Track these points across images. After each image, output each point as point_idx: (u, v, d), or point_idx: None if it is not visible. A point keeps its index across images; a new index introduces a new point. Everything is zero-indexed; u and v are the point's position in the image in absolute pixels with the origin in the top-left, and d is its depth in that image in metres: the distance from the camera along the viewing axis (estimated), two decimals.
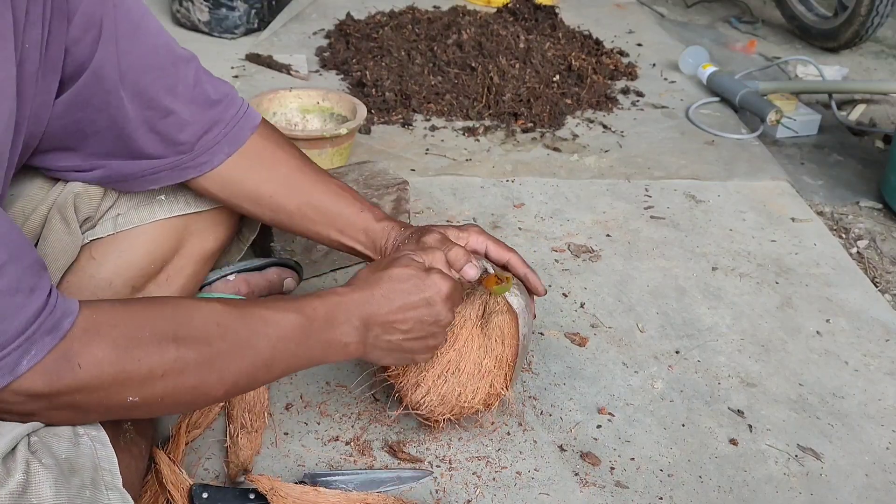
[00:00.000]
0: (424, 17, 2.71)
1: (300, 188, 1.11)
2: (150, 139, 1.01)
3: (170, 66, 1.01)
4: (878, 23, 2.81)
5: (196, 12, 2.71)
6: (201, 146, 1.04)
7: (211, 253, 1.19)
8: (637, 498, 1.09)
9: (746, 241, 1.71)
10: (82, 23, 0.90)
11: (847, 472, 1.16)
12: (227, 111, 1.07)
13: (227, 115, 1.06)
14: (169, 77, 1.00)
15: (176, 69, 1.01)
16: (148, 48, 0.98)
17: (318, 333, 0.91)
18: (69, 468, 0.77)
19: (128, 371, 0.78)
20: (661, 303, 1.49)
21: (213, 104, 1.05)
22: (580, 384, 1.28)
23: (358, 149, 1.98)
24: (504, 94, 2.25)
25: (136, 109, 0.98)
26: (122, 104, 0.96)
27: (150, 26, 1.00)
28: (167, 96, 1.00)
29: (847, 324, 1.47)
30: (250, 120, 1.09)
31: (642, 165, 2.02)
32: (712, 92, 2.47)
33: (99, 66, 0.93)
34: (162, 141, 1.01)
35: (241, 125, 1.07)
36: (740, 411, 1.25)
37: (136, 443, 0.96)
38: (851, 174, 2.12)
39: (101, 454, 0.81)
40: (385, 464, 1.11)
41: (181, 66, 1.02)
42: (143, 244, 1.09)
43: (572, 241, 1.67)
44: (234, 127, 1.07)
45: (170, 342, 0.80)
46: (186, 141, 1.03)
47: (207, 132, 1.04)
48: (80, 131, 0.97)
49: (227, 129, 1.06)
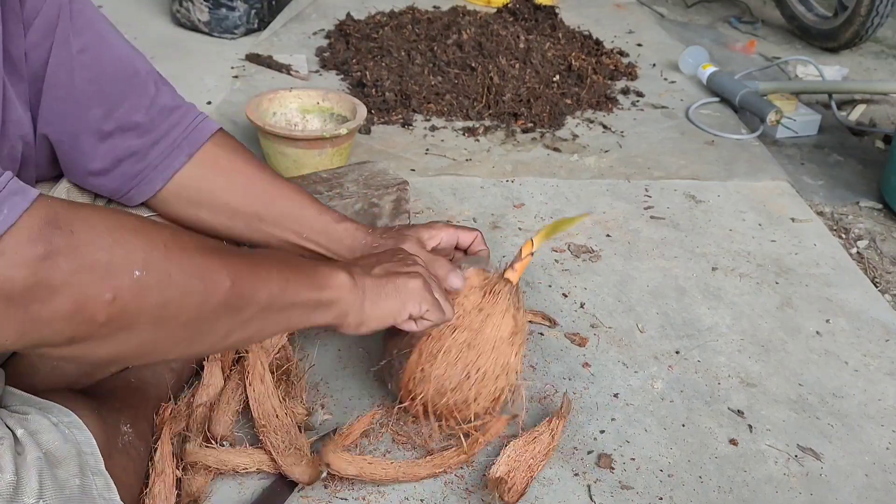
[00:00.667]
0: (424, 17, 2.71)
1: (257, 194, 1.10)
2: (106, 148, 1.00)
3: (130, 75, 1.00)
4: (878, 23, 2.81)
5: (196, 12, 2.71)
6: (160, 150, 1.03)
7: None
8: (637, 498, 1.09)
9: (746, 241, 1.71)
10: (42, 27, 0.91)
11: (847, 472, 1.16)
12: (186, 117, 1.06)
13: (185, 120, 1.06)
14: (130, 87, 1.00)
15: (136, 78, 1.01)
16: (106, 55, 0.98)
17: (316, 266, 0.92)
18: (55, 460, 0.77)
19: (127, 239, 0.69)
20: (661, 303, 1.50)
21: (171, 111, 1.05)
22: (580, 384, 1.28)
23: (358, 149, 1.98)
24: (504, 94, 2.25)
25: (94, 120, 0.97)
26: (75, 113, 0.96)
27: (110, 37, 0.99)
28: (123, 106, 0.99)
29: (847, 324, 1.47)
30: (208, 125, 1.08)
31: (642, 165, 2.02)
32: (712, 92, 2.47)
33: (52, 73, 0.93)
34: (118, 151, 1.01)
35: (199, 128, 1.07)
36: (740, 411, 1.25)
37: (135, 445, 0.96)
38: (851, 174, 2.12)
39: (80, 439, 0.82)
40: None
41: (141, 74, 1.02)
42: None
43: (572, 241, 1.67)
44: (193, 130, 1.06)
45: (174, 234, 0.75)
46: (144, 146, 1.02)
47: (165, 136, 1.04)
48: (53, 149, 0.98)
49: (186, 133, 1.05)
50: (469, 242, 1.19)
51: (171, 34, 2.73)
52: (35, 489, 0.73)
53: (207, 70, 2.42)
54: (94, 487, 0.79)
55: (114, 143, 1.00)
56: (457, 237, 1.17)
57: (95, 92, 0.97)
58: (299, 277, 0.87)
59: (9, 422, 0.78)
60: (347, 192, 1.48)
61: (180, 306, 0.72)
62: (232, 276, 0.76)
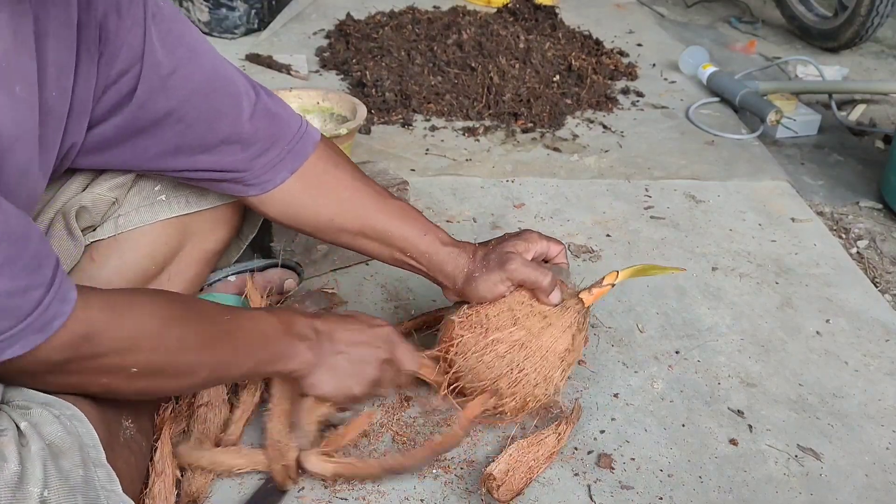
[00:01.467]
0: (424, 17, 2.71)
1: (362, 210, 1.10)
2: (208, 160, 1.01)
3: (227, 87, 1.00)
4: (878, 23, 2.81)
5: (196, 12, 2.71)
6: (264, 164, 1.04)
7: (212, 254, 1.18)
8: (637, 498, 1.09)
9: (746, 242, 1.71)
10: (128, 57, 0.91)
11: (847, 472, 1.16)
12: (289, 127, 1.06)
13: (288, 131, 1.05)
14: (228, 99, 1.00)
15: (234, 88, 1.01)
16: (200, 71, 0.98)
17: (283, 333, 1.01)
18: (58, 451, 0.78)
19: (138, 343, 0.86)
20: (661, 303, 1.50)
21: (274, 120, 1.04)
22: (580, 384, 1.28)
23: (358, 149, 1.98)
24: (504, 94, 2.25)
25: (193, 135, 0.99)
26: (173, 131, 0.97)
27: (200, 48, 0.99)
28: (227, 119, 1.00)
29: (847, 324, 1.47)
30: (311, 136, 1.08)
31: (642, 165, 2.02)
32: (712, 92, 2.47)
33: (144, 98, 0.93)
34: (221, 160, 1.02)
35: (303, 140, 1.07)
36: (740, 411, 1.25)
37: (136, 440, 0.96)
38: (851, 174, 2.12)
39: (82, 431, 0.83)
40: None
41: (238, 84, 1.02)
42: (144, 245, 1.09)
43: (572, 241, 1.67)
44: (297, 143, 1.06)
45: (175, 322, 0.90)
46: (247, 158, 1.03)
47: (269, 149, 1.04)
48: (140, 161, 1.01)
49: (289, 146, 1.05)
50: (556, 255, 1.17)
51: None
52: (40, 478, 0.74)
53: None
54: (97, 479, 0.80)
55: (217, 157, 1.01)
56: (547, 249, 1.15)
57: (192, 109, 0.97)
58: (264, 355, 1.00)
59: (12, 415, 0.79)
60: None
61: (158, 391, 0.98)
62: (209, 367, 0.94)
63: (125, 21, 0.90)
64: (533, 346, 1.08)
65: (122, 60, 0.91)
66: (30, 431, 0.77)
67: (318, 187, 1.08)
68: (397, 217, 1.11)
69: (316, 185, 1.08)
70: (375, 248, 1.13)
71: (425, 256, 1.11)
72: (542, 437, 1.11)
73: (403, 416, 1.19)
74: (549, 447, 1.11)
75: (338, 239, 1.13)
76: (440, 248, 1.11)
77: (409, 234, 1.11)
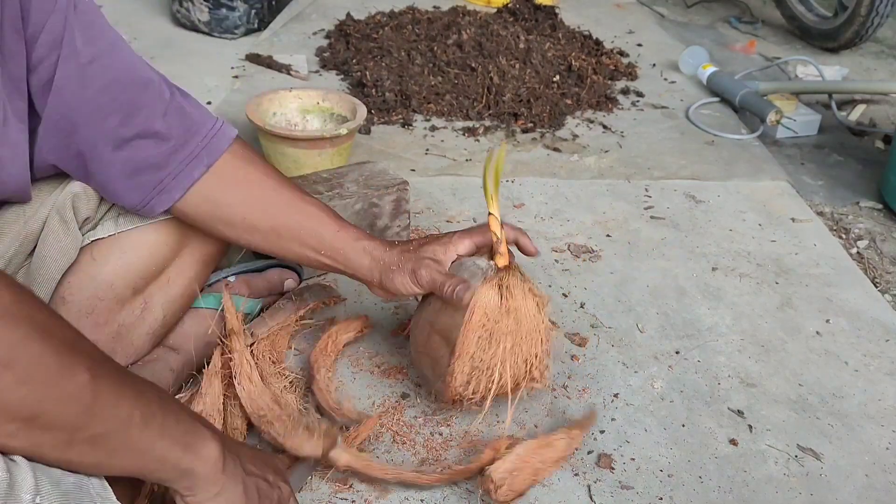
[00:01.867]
0: (424, 17, 2.71)
1: (275, 209, 1.09)
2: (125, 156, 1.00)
3: (144, 82, 1.01)
4: (878, 23, 2.81)
5: (196, 12, 2.71)
6: (180, 160, 1.03)
7: (212, 255, 1.18)
8: (637, 498, 1.09)
9: (746, 242, 1.71)
10: (48, 42, 0.91)
11: (847, 472, 1.16)
12: (204, 124, 1.06)
13: (203, 127, 1.05)
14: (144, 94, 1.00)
15: (150, 84, 1.01)
16: (118, 64, 0.98)
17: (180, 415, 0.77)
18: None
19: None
20: (661, 303, 1.50)
21: (188, 116, 1.04)
22: (580, 384, 1.28)
23: (358, 149, 1.98)
24: (504, 94, 2.25)
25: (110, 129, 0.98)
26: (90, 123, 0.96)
27: (119, 44, 1.00)
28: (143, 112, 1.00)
29: (847, 324, 1.47)
30: (226, 133, 1.08)
31: (642, 165, 2.02)
32: (712, 92, 2.47)
33: (61, 85, 0.93)
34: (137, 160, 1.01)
35: (218, 136, 1.06)
36: (740, 411, 1.25)
37: None
38: (851, 174, 2.12)
39: None
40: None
41: (154, 81, 1.02)
42: (145, 245, 1.09)
43: (572, 241, 1.67)
44: (212, 139, 1.05)
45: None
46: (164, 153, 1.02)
47: (184, 144, 1.03)
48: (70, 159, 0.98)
49: (205, 142, 1.05)
50: (487, 242, 1.14)
51: (171, 34, 2.73)
52: (31, 485, 0.72)
53: (207, 70, 2.42)
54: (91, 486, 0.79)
55: (133, 151, 1.00)
56: (473, 246, 1.14)
57: (109, 100, 0.97)
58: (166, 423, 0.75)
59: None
60: (347, 192, 1.48)
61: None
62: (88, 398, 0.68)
63: (45, 4, 0.90)
64: (521, 334, 1.08)
65: (41, 45, 0.91)
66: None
67: (234, 184, 1.07)
68: (310, 215, 1.10)
69: (230, 182, 1.07)
70: (289, 247, 1.11)
71: (340, 253, 1.10)
72: (553, 439, 1.11)
73: (404, 416, 1.19)
74: (558, 451, 1.10)
75: (251, 239, 1.11)
76: (353, 244, 1.11)
77: (322, 230, 1.10)
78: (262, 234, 1.10)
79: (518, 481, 1.06)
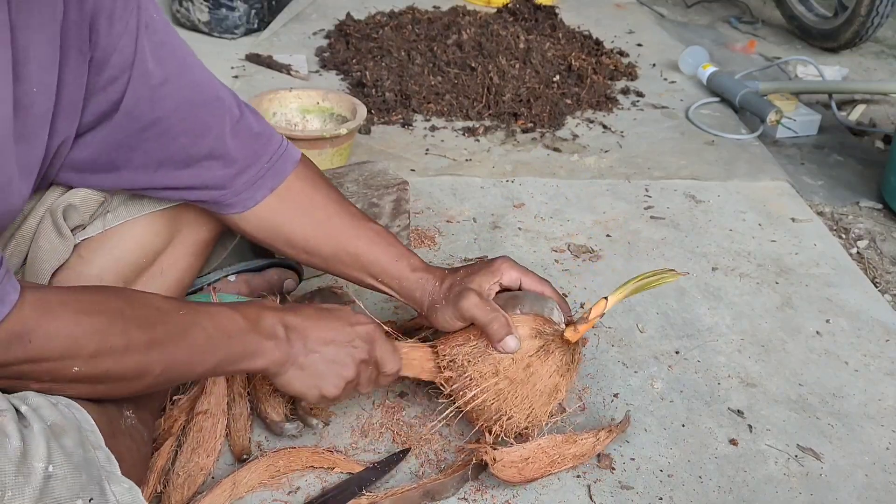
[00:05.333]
0: (424, 17, 2.71)
1: (336, 234, 1.10)
2: (191, 174, 1.01)
3: (213, 101, 1.01)
4: (878, 23, 2.81)
5: (196, 12, 2.71)
6: (245, 181, 1.04)
7: (205, 243, 1.16)
8: (637, 498, 1.09)
9: (746, 242, 1.71)
10: (119, 63, 0.91)
11: (847, 472, 1.16)
12: (269, 145, 1.06)
13: (269, 149, 1.06)
14: (213, 114, 1.01)
15: (220, 104, 1.02)
16: (189, 84, 0.98)
17: (247, 331, 0.95)
18: (59, 431, 0.78)
19: (79, 343, 0.81)
20: (661, 303, 1.50)
21: (256, 137, 1.05)
22: (580, 384, 1.28)
23: (358, 149, 1.98)
24: (504, 94, 2.25)
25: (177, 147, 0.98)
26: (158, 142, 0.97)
27: (190, 61, 1.00)
28: (211, 133, 1.00)
29: (847, 324, 1.47)
30: (291, 155, 1.09)
31: (642, 165, 2.02)
32: (712, 92, 2.47)
33: (132, 106, 0.93)
34: (202, 174, 1.02)
35: (283, 159, 1.07)
36: (740, 411, 1.25)
37: (138, 429, 0.96)
38: (851, 174, 2.12)
39: (79, 416, 0.83)
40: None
41: (224, 100, 1.02)
42: (133, 238, 1.07)
43: (572, 241, 1.67)
44: (277, 161, 1.06)
45: (118, 319, 0.84)
46: (229, 175, 1.03)
47: (250, 167, 1.04)
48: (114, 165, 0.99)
49: (269, 164, 1.05)
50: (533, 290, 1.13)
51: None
52: (43, 454, 0.74)
53: None
54: (97, 459, 0.80)
55: (200, 170, 1.01)
56: (520, 282, 1.13)
57: (178, 121, 0.97)
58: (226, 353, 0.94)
59: (11, 400, 0.79)
60: (347, 192, 1.48)
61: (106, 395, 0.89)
62: (162, 367, 0.88)
63: (116, 27, 0.90)
64: (516, 394, 1.06)
65: (111, 66, 0.91)
66: (30, 414, 0.78)
67: (296, 207, 1.09)
68: (371, 242, 1.11)
69: (294, 205, 1.08)
70: (348, 272, 1.13)
71: (396, 282, 1.12)
72: (580, 437, 1.11)
73: (403, 416, 1.19)
74: (582, 449, 1.11)
75: (310, 260, 1.13)
76: (410, 275, 1.11)
77: (382, 259, 1.11)
78: (323, 258, 1.12)
79: (530, 468, 1.06)
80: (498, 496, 1.07)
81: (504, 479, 1.04)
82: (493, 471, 1.04)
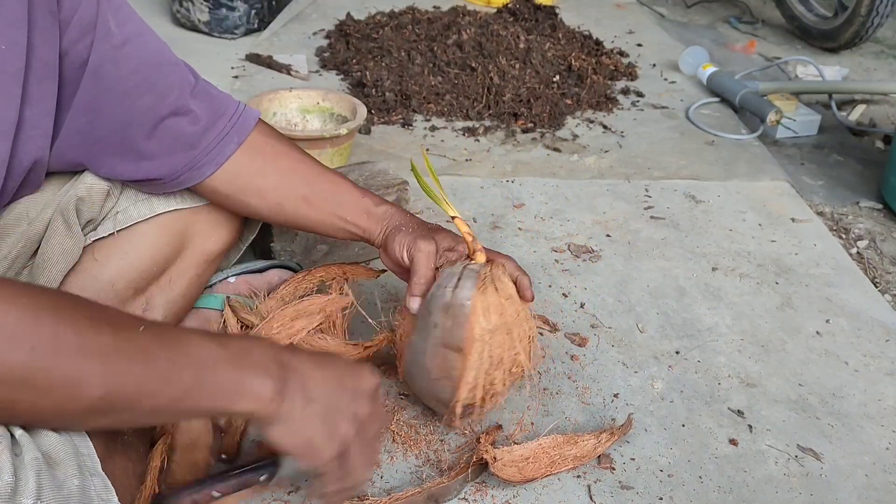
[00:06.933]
0: (424, 17, 2.71)
1: (302, 178, 1.13)
2: (159, 138, 1.02)
3: (172, 64, 1.04)
4: (878, 23, 2.81)
5: (196, 12, 2.71)
6: (213, 137, 1.06)
7: (214, 255, 1.19)
8: (637, 498, 1.09)
9: (746, 242, 1.71)
10: (80, 24, 0.92)
11: (847, 472, 1.16)
12: (230, 105, 1.09)
13: (229, 108, 1.09)
14: (173, 75, 1.03)
15: (178, 68, 1.05)
16: (148, 46, 1.01)
17: (227, 362, 0.78)
18: (52, 461, 0.77)
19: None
20: (661, 303, 1.50)
21: (215, 98, 1.08)
22: (580, 384, 1.28)
23: (358, 149, 1.98)
24: (504, 94, 2.25)
25: (143, 106, 0.99)
26: (123, 103, 0.97)
27: (145, 28, 1.02)
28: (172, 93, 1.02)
29: (847, 324, 1.47)
30: (251, 112, 1.12)
31: (642, 166, 2.02)
32: (712, 92, 2.47)
33: (96, 66, 0.94)
34: (171, 138, 1.03)
35: (244, 116, 1.10)
36: (740, 411, 1.25)
37: (134, 446, 0.96)
38: (851, 174, 2.12)
39: (77, 440, 0.80)
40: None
41: (181, 65, 1.06)
42: (146, 245, 1.09)
43: (572, 241, 1.67)
44: (240, 118, 1.09)
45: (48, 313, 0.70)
46: (197, 132, 1.05)
47: (215, 123, 1.07)
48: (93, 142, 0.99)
49: (233, 120, 1.08)
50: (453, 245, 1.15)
51: (171, 34, 2.72)
52: (33, 490, 0.72)
53: (207, 70, 2.41)
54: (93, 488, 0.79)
55: (167, 130, 1.02)
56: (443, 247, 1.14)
57: (142, 80, 0.99)
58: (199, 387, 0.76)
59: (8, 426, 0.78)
60: None
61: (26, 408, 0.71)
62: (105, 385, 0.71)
63: None
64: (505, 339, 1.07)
65: (74, 27, 0.92)
66: (24, 440, 0.75)
67: (263, 158, 1.11)
68: (336, 183, 1.15)
69: (261, 156, 1.11)
70: (316, 216, 1.15)
71: (363, 217, 1.14)
72: (581, 438, 1.12)
73: (403, 416, 1.19)
74: (582, 450, 1.11)
75: (280, 212, 1.14)
76: (375, 209, 1.15)
77: (346, 197, 1.15)
78: (292, 203, 1.13)
79: (531, 468, 1.06)
80: (498, 496, 1.07)
81: (504, 478, 1.05)
82: (493, 470, 1.04)
